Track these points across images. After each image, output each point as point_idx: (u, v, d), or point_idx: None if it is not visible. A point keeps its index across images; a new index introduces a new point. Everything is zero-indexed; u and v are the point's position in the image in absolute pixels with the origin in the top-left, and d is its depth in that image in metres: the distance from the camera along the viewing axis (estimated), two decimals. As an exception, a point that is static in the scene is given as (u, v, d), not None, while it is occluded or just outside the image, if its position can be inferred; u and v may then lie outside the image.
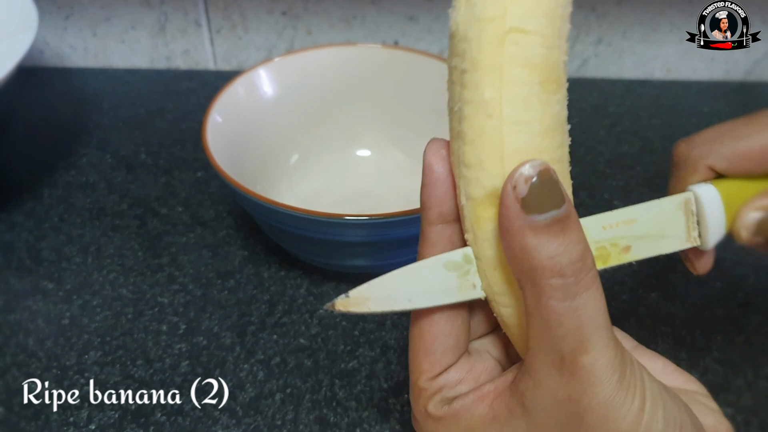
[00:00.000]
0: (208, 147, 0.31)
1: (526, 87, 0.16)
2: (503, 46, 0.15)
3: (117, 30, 0.50)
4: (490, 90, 0.16)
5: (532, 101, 0.16)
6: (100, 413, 0.28)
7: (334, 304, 0.18)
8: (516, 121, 0.16)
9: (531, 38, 0.15)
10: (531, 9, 0.15)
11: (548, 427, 0.16)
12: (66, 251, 0.36)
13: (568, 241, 0.15)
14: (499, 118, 0.16)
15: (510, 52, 0.15)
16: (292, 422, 0.28)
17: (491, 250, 0.17)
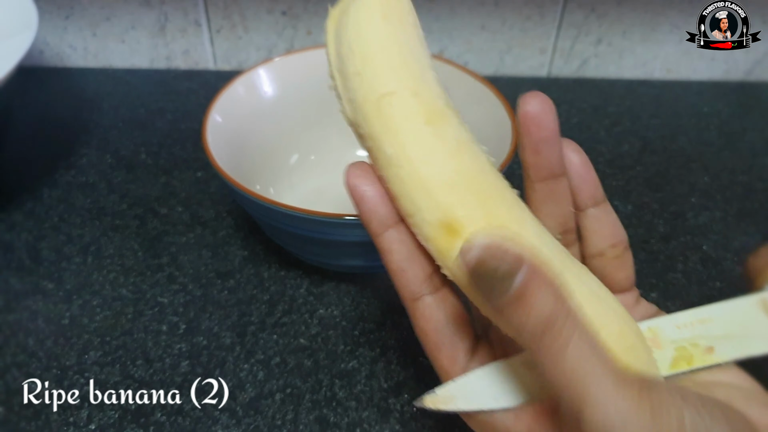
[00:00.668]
0: (208, 147, 0.31)
1: (415, 130, 0.18)
2: (381, 112, 0.18)
3: (117, 30, 0.50)
4: (390, 148, 0.18)
5: (427, 138, 0.18)
6: (100, 413, 0.28)
7: (423, 400, 0.18)
8: (422, 159, 0.17)
9: (398, 95, 0.18)
10: (385, 74, 0.18)
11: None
12: (66, 251, 0.36)
13: (532, 308, 0.15)
14: (409, 164, 0.18)
15: (388, 113, 0.18)
16: (292, 422, 0.28)
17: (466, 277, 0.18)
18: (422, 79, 0.18)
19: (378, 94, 0.18)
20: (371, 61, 0.18)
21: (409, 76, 0.18)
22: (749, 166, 0.43)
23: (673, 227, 0.38)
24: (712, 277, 0.35)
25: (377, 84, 0.18)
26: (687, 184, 0.41)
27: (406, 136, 0.18)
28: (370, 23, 0.18)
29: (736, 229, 0.38)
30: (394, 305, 0.33)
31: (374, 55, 0.18)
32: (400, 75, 0.18)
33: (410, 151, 0.18)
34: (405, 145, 0.18)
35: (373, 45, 0.18)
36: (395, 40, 0.19)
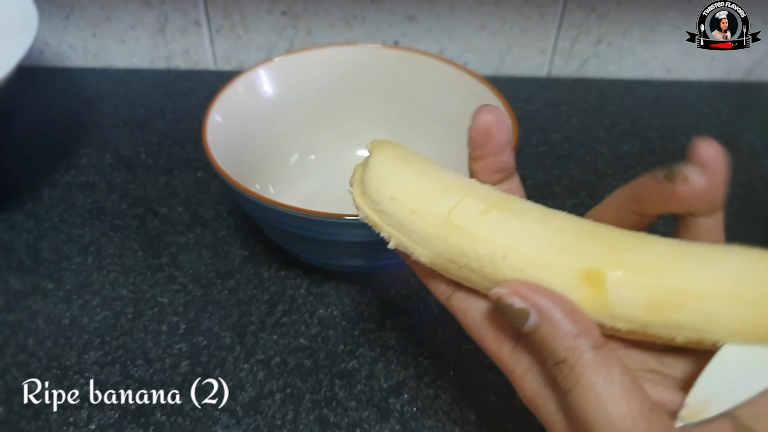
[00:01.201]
0: (208, 147, 0.31)
1: (496, 222, 0.18)
2: (456, 227, 0.18)
3: (117, 30, 0.50)
4: (483, 248, 0.18)
5: (510, 222, 0.18)
6: (100, 413, 0.28)
7: (681, 418, 0.16)
8: (520, 239, 0.18)
9: (461, 204, 0.18)
10: (438, 197, 0.19)
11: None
12: (66, 251, 0.36)
13: (541, 351, 0.17)
14: (513, 250, 0.18)
15: (463, 223, 0.18)
16: (292, 422, 0.28)
17: None
18: (469, 185, 0.19)
19: (444, 215, 0.18)
20: (419, 196, 0.19)
21: (458, 188, 0.19)
22: (749, 166, 0.43)
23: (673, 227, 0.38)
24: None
25: (437, 209, 0.18)
26: (687, 184, 0.41)
27: (491, 230, 0.18)
28: (396, 170, 0.20)
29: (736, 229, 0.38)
30: (394, 305, 0.33)
31: (418, 190, 0.19)
32: (450, 191, 0.19)
33: (505, 239, 0.18)
34: (496, 238, 0.18)
35: (412, 185, 0.19)
36: (425, 170, 0.19)
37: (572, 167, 0.43)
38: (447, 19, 0.49)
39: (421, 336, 0.31)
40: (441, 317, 0.32)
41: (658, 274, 0.17)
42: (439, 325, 0.32)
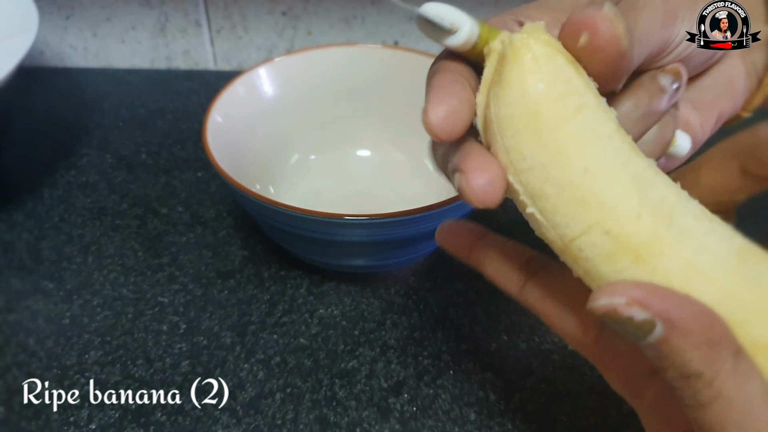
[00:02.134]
0: (208, 147, 0.31)
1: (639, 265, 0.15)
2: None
3: (117, 30, 0.51)
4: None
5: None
6: (101, 413, 0.28)
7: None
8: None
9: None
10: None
11: None
12: (66, 251, 0.36)
13: (672, 358, 0.14)
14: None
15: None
16: (292, 422, 0.28)
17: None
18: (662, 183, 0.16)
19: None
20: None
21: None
22: (749, 166, 0.43)
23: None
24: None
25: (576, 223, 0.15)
26: (686, 184, 0.42)
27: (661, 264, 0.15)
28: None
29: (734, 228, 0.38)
30: (394, 305, 0.33)
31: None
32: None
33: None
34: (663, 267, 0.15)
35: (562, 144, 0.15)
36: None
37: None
38: (447, 19, 0.49)
39: (420, 335, 0.31)
40: (440, 317, 0.32)
41: None
42: (438, 324, 0.32)
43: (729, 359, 0.14)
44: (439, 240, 0.21)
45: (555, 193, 0.15)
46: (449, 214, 0.29)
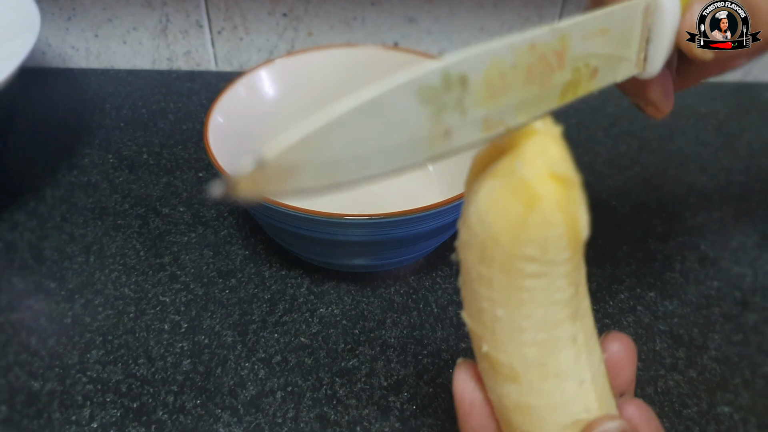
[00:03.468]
0: (209, 147, 0.31)
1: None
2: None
3: (119, 31, 0.51)
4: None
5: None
6: (102, 411, 0.28)
7: (234, 183, 0.10)
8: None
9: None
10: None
11: None
12: (68, 251, 0.36)
13: None
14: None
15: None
16: (292, 420, 0.28)
17: None
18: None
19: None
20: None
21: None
22: (746, 166, 0.43)
23: (671, 227, 0.38)
24: (710, 277, 0.35)
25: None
26: (684, 184, 0.42)
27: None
28: None
29: (733, 229, 0.38)
30: (394, 304, 0.33)
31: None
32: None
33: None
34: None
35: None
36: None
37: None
38: (446, 20, 0.49)
39: (420, 334, 0.32)
40: (440, 316, 0.33)
41: None
42: (438, 323, 0.32)
43: None
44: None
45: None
46: (449, 214, 0.29)
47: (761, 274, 0.35)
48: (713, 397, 0.29)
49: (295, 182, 0.10)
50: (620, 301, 0.34)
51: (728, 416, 0.28)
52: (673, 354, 0.31)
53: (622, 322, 0.33)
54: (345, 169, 0.11)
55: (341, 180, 0.11)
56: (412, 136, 0.12)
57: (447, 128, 0.12)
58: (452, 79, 0.12)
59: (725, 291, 0.34)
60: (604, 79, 0.18)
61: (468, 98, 0.12)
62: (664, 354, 0.31)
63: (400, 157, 0.12)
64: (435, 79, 0.12)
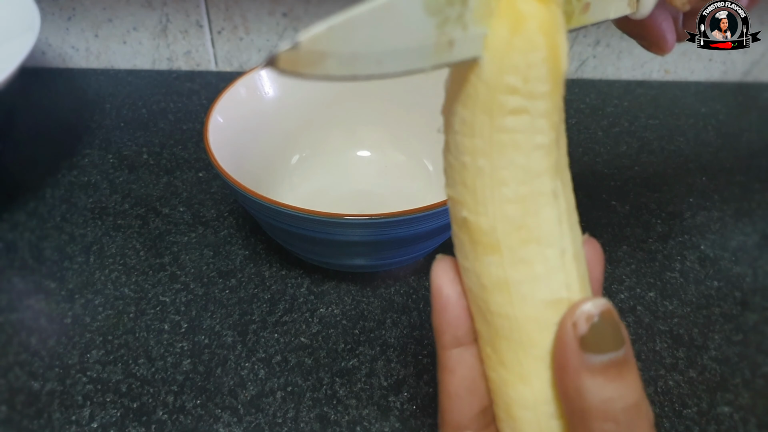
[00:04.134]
0: (209, 147, 0.31)
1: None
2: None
3: (119, 31, 0.51)
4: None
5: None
6: (102, 412, 0.28)
7: (277, 59, 0.12)
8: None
9: None
10: None
11: None
12: (68, 251, 0.36)
13: (624, 386, 0.15)
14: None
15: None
16: (293, 420, 0.28)
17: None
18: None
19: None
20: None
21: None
22: (746, 166, 0.43)
23: (671, 227, 0.38)
24: (710, 277, 0.35)
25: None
26: (685, 184, 0.42)
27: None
28: None
29: (733, 229, 0.38)
30: (394, 304, 0.33)
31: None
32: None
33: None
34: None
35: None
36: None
37: (570, 167, 0.43)
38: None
39: (420, 334, 0.32)
40: (441, 316, 0.33)
41: None
42: (438, 324, 0.32)
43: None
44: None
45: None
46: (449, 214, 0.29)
47: (761, 274, 0.35)
48: (713, 397, 0.29)
49: (323, 68, 0.12)
50: (620, 301, 0.34)
51: (728, 416, 0.28)
52: (673, 354, 0.31)
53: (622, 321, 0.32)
54: (363, 64, 0.13)
55: (359, 73, 0.13)
56: (420, 42, 0.14)
57: (450, 39, 0.14)
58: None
59: (725, 291, 0.34)
60: (596, 15, 0.18)
61: (468, 14, 0.14)
62: (664, 354, 0.31)
63: (410, 60, 0.14)
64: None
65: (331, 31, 0.12)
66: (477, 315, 0.16)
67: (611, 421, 0.14)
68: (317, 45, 0.12)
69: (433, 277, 0.17)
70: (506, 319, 0.15)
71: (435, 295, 0.17)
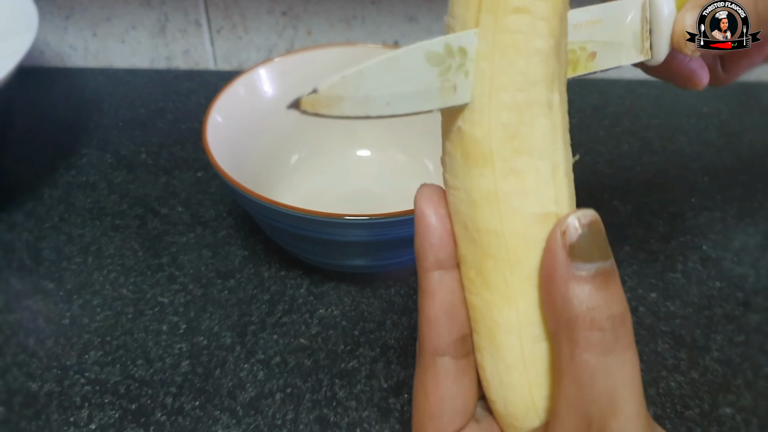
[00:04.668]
0: (208, 147, 0.31)
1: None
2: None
3: (117, 30, 0.51)
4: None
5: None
6: (101, 413, 0.28)
7: (300, 102, 0.14)
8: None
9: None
10: None
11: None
12: (66, 251, 0.36)
13: (609, 295, 0.15)
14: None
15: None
16: (292, 422, 0.28)
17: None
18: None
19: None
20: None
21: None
22: (749, 166, 0.43)
23: (673, 227, 0.38)
24: (712, 277, 0.35)
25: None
26: (686, 184, 0.42)
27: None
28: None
29: (735, 229, 0.38)
30: (394, 305, 0.33)
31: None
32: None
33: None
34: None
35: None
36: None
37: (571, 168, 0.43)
38: (447, 19, 0.49)
39: (421, 336, 0.31)
40: (441, 317, 0.32)
41: None
42: (439, 324, 0.32)
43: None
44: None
45: None
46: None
47: (764, 274, 0.35)
48: (715, 399, 0.29)
49: (339, 109, 0.15)
50: (622, 302, 0.33)
51: (730, 417, 0.28)
52: (675, 355, 0.31)
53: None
54: (374, 106, 0.15)
55: (371, 113, 0.15)
56: (426, 87, 0.15)
57: (454, 84, 0.15)
58: (453, 49, 0.15)
59: (727, 292, 0.34)
60: (605, 62, 0.20)
61: (469, 63, 0.15)
62: (666, 355, 0.31)
63: (417, 102, 0.15)
64: (439, 47, 0.15)
65: (344, 79, 0.15)
66: (462, 237, 0.16)
67: (597, 329, 0.15)
68: (333, 91, 0.14)
69: (417, 201, 0.17)
70: (494, 236, 0.16)
71: (418, 217, 0.17)
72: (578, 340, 0.15)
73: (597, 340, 0.15)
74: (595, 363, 0.15)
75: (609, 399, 0.15)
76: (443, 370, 0.17)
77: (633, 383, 0.15)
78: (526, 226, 0.15)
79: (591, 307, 0.15)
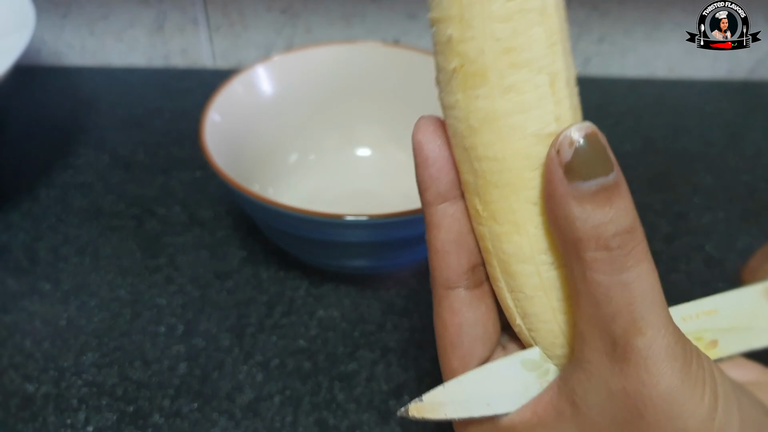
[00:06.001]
0: (206, 146, 0.31)
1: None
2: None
3: (114, 28, 0.50)
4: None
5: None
6: (98, 415, 0.28)
7: (408, 409, 0.16)
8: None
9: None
10: None
11: (603, 427, 0.15)
12: (63, 252, 0.36)
13: (614, 211, 0.14)
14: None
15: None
16: (291, 425, 0.27)
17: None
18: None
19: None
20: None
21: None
22: (753, 165, 0.43)
23: (676, 227, 0.38)
24: (715, 278, 0.35)
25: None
26: (690, 184, 0.41)
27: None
28: None
29: (739, 229, 0.38)
30: (394, 307, 0.33)
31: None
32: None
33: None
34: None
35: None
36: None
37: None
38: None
39: (421, 338, 0.31)
40: (442, 318, 0.32)
41: None
42: (439, 326, 0.32)
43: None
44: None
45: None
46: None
47: None
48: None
49: (443, 412, 0.17)
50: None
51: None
52: (679, 357, 0.30)
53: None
54: (475, 407, 0.16)
55: (474, 414, 0.17)
56: (525, 386, 0.17)
57: (547, 370, 0.17)
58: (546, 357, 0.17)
59: (731, 293, 0.34)
60: (731, 347, 0.19)
61: (562, 358, 0.17)
62: (670, 357, 0.30)
63: (517, 398, 0.17)
64: (535, 356, 0.17)
65: (444, 388, 0.17)
66: (464, 165, 0.16)
67: (603, 248, 0.14)
68: (436, 398, 0.16)
69: (414, 133, 0.16)
70: (495, 162, 0.15)
71: (416, 149, 0.16)
72: (586, 260, 0.14)
73: (606, 258, 0.14)
74: (609, 282, 0.14)
75: (629, 315, 0.14)
76: (457, 299, 0.17)
77: (653, 295, 0.14)
78: (527, 146, 0.15)
79: (595, 225, 0.14)
